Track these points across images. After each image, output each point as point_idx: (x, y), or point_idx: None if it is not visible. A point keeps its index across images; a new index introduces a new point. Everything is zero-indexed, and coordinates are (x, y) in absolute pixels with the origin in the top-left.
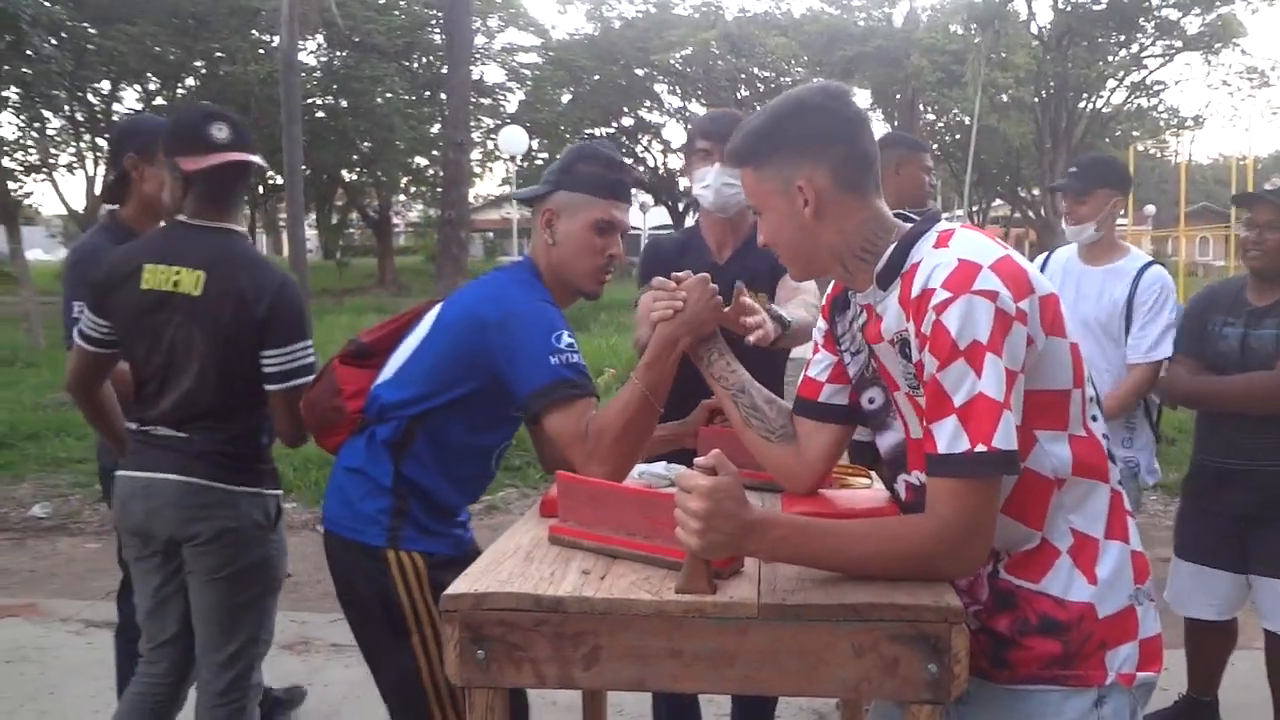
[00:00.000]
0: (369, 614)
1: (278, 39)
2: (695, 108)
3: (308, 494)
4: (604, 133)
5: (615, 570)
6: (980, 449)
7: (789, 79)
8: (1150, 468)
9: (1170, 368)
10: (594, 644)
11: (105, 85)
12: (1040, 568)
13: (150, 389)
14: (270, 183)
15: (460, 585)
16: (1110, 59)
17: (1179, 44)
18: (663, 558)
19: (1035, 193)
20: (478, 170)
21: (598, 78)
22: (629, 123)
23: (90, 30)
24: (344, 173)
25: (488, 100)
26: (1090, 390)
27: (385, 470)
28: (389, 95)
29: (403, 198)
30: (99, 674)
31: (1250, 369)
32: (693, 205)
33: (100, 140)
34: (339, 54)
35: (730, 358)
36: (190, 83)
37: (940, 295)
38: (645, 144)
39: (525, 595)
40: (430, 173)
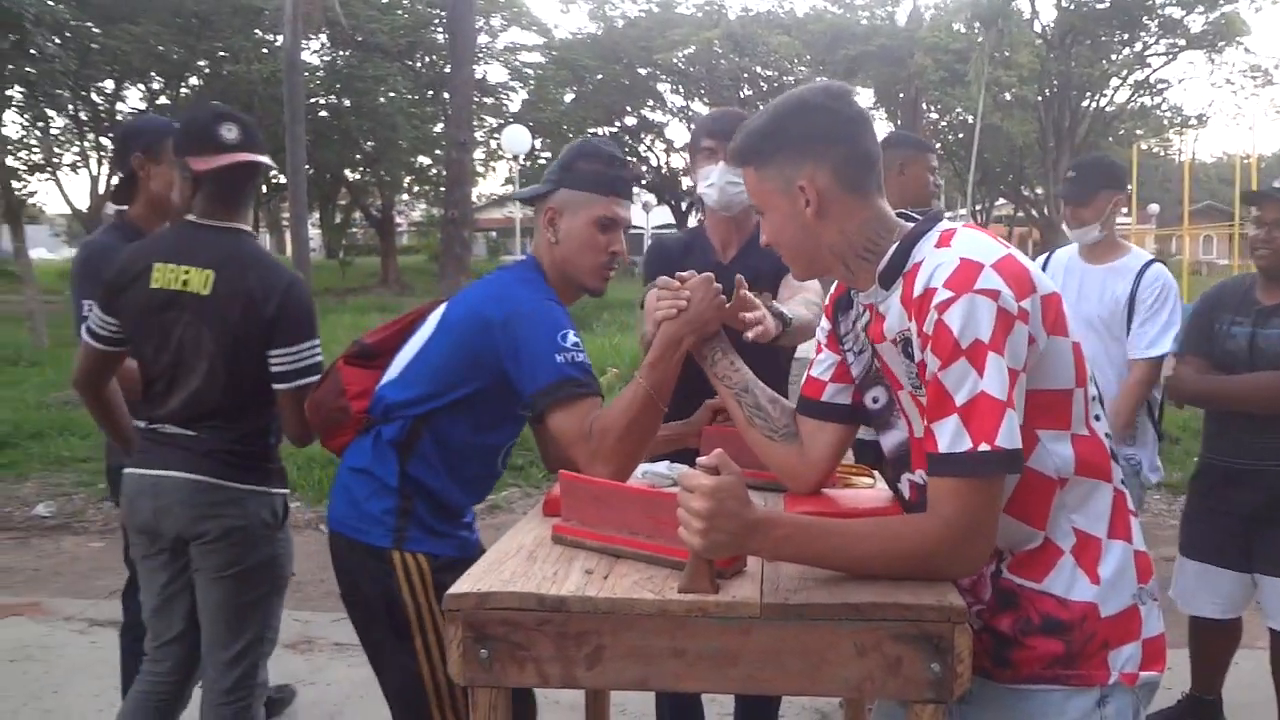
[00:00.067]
0: (373, 615)
1: (281, 38)
2: (698, 107)
3: (311, 493)
4: (607, 132)
5: (618, 570)
6: (983, 448)
7: (792, 78)
8: (1153, 465)
9: (1178, 367)
10: (597, 643)
11: (109, 84)
12: (1043, 567)
13: (159, 387)
14: (274, 182)
15: (463, 584)
16: (1114, 57)
17: (1182, 42)
18: (666, 557)
19: (1039, 191)
20: (481, 170)
21: (600, 77)
22: (632, 122)
23: (94, 29)
24: (347, 172)
25: (491, 99)
26: (1093, 390)
27: (391, 470)
28: (392, 94)
29: (406, 197)
30: (103, 673)
31: (1259, 368)
32: (696, 204)
33: (104, 139)
34: (342, 53)
35: (734, 357)
36: (194, 82)
37: (942, 294)
38: (648, 143)
39: (528, 595)
40: (433, 172)
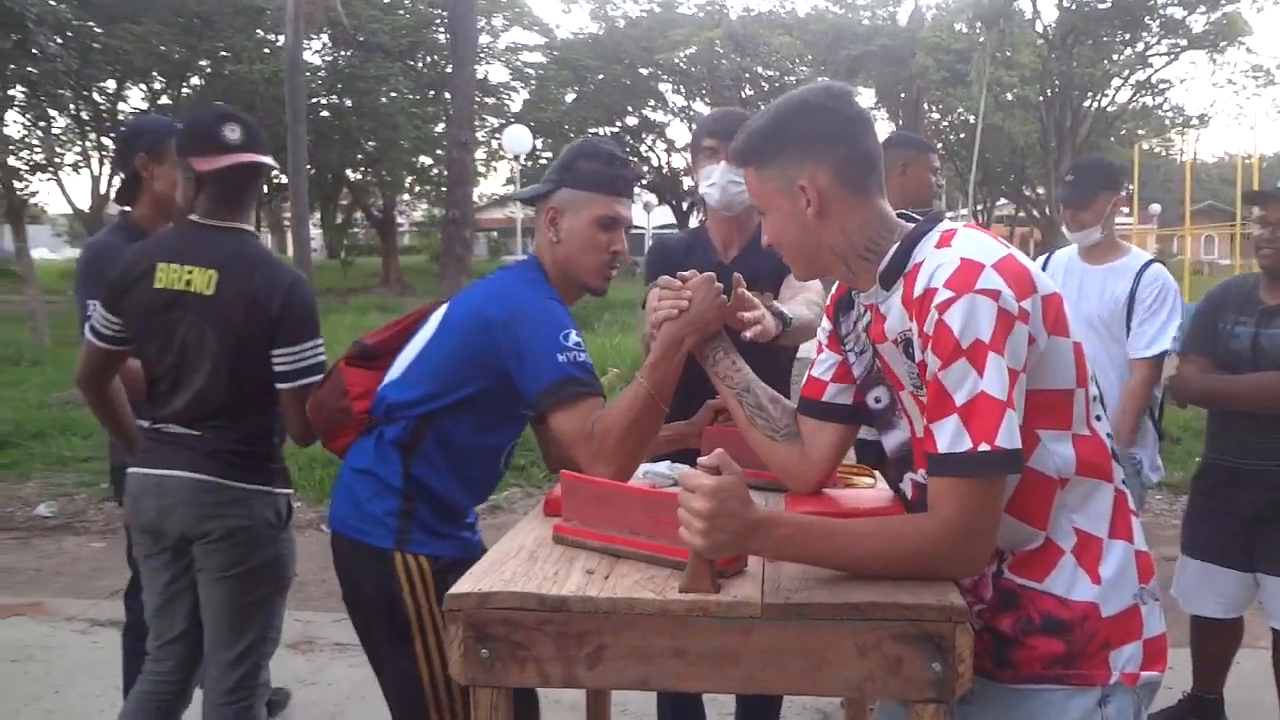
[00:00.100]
0: (373, 617)
1: (283, 38)
2: (700, 107)
3: (312, 493)
4: (608, 132)
5: (619, 570)
6: (983, 448)
7: (793, 78)
8: (1153, 464)
9: (1181, 366)
10: (598, 643)
11: (110, 84)
12: (1044, 567)
13: (163, 387)
14: (275, 182)
15: (464, 584)
16: (1115, 57)
17: (1184, 42)
18: (667, 557)
19: (1040, 192)
20: (482, 170)
21: (602, 77)
22: (633, 122)
23: (96, 29)
24: (348, 172)
25: (492, 99)
26: (1094, 390)
27: (394, 470)
28: (394, 94)
29: (407, 197)
30: (104, 673)
31: (1262, 368)
32: (697, 204)
33: (105, 139)
34: (344, 53)
35: (735, 357)
36: (195, 82)
37: (943, 294)
38: (649, 143)
39: (529, 595)
40: (435, 172)
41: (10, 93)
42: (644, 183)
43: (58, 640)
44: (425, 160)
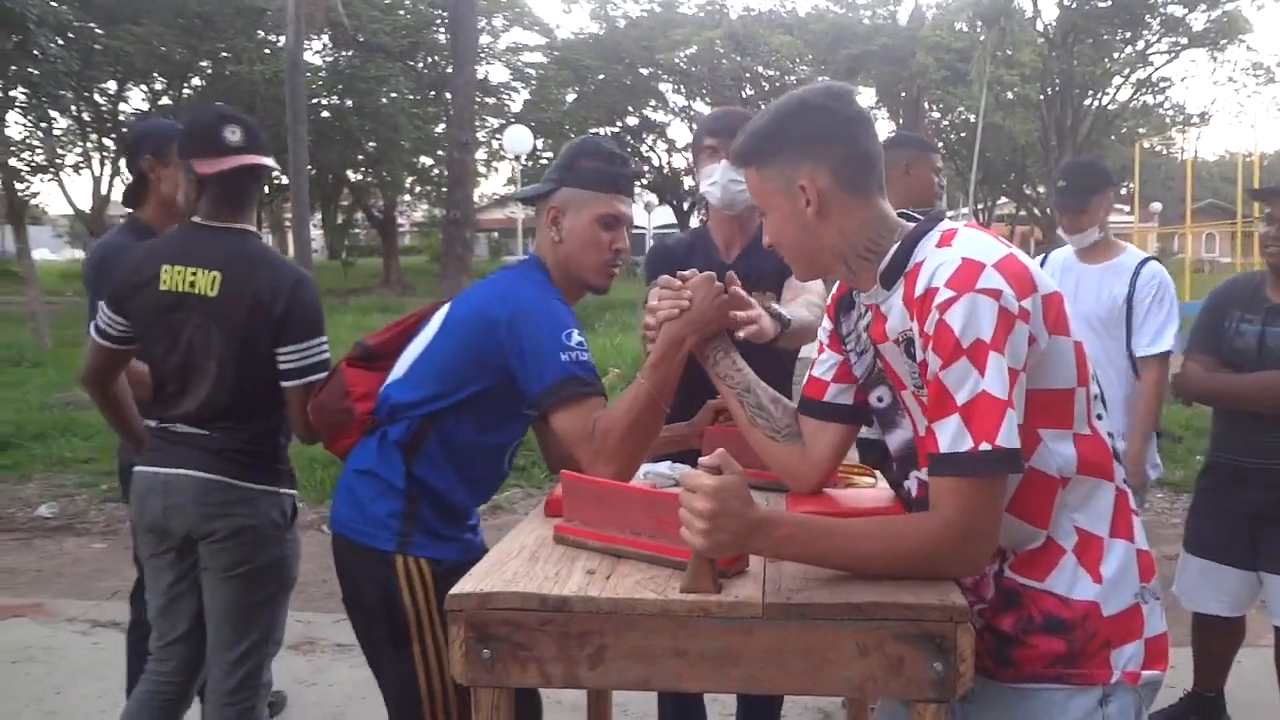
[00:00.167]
0: (373, 619)
1: (283, 39)
2: (700, 107)
3: (313, 494)
4: (609, 132)
5: (620, 570)
6: (984, 447)
7: (794, 78)
8: (1152, 462)
9: (1186, 364)
10: (599, 643)
11: (111, 85)
12: (1045, 566)
13: (171, 389)
14: (276, 183)
15: (466, 585)
16: (1116, 56)
17: (1184, 40)
18: (668, 557)
19: (1041, 190)
20: (482, 170)
21: (602, 77)
22: (634, 122)
23: (97, 30)
24: (349, 172)
25: (493, 100)
26: (1094, 389)
27: (397, 471)
28: (394, 95)
29: (408, 197)
30: (105, 674)
31: (1267, 366)
32: (698, 204)
33: (106, 140)
34: (344, 54)
35: (736, 357)
36: (196, 83)
37: (944, 294)
38: (650, 143)
39: (531, 595)
40: (435, 172)
41: (11, 94)
42: (645, 183)
43: (59, 641)
44: (426, 160)
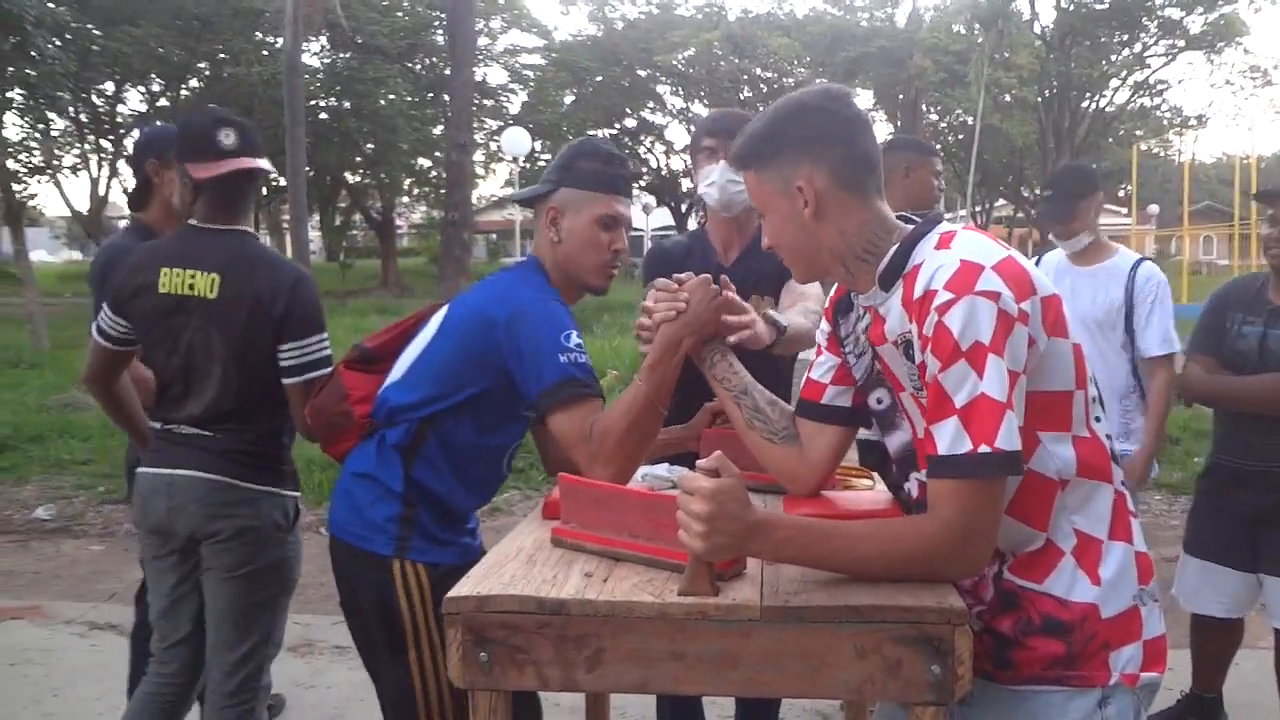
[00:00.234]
0: (370, 624)
1: (281, 40)
2: (698, 109)
3: (311, 496)
4: (607, 134)
5: (618, 573)
6: (983, 449)
7: (792, 80)
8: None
9: (1187, 366)
10: (597, 646)
11: (109, 87)
12: (1044, 568)
13: (174, 391)
14: (274, 184)
15: (463, 588)
16: (1113, 58)
17: (1182, 43)
18: (665, 560)
19: (1039, 192)
20: (481, 172)
21: (600, 79)
22: (632, 124)
23: (94, 31)
24: (347, 174)
25: (491, 102)
26: (1093, 391)
27: (395, 474)
28: (392, 97)
29: (406, 199)
30: (103, 676)
31: (1269, 369)
32: (696, 206)
33: (104, 142)
34: (342, 55)
35: (733, 359)
36: (194, 84)
37: (943, 296)
38: (648, 145)
39: (528, 598)
40: (433, 174)
41: (9, 95)
42: (642, 184)
43: (56, 643)
44: (424, 162)
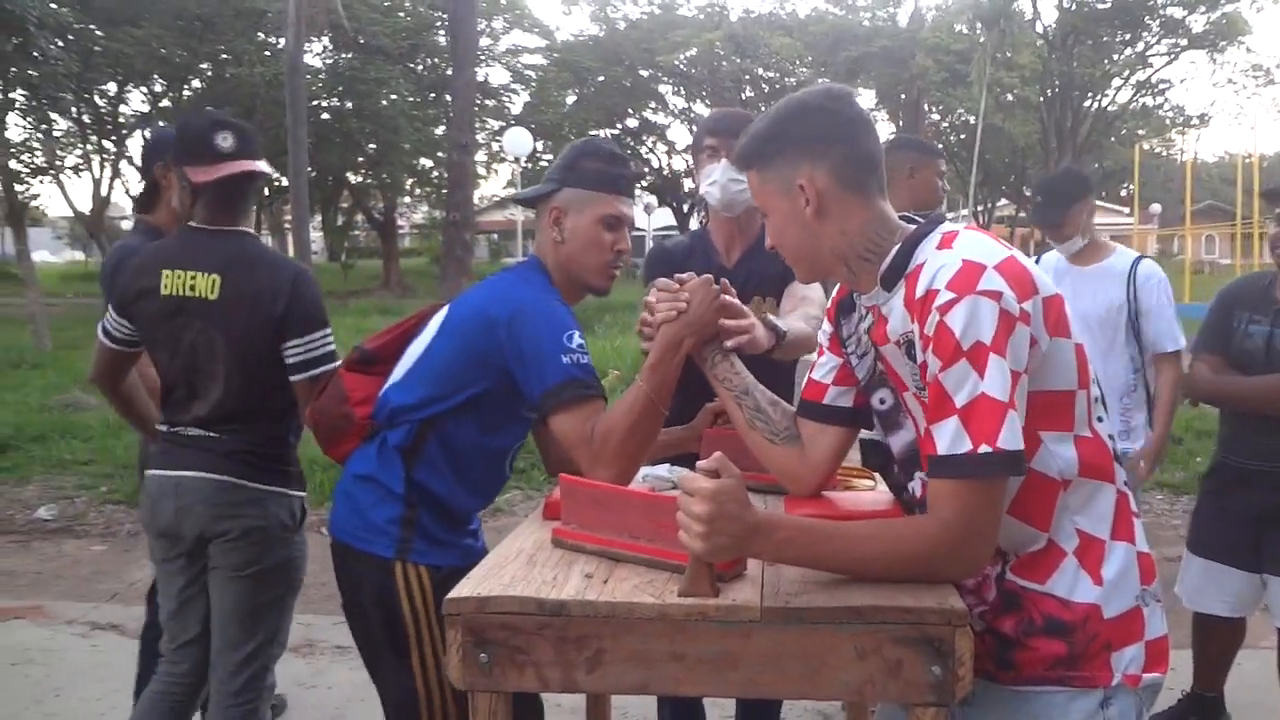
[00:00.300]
0: (372, 626)
1: (283, 41)
2: (700, 109)
3: (312, 496)
4: (609, 134)
5: (618, 574)
6: (984, 449)
7: (794, 79)
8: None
9: (1194, 364)
10: (597, 647)
11: (111, 87)
12: (1046, 569)
13: (179, 393)
14: (275, 185)
15: (463, 588)
16: (1115, 58)
17: (1184, 42)
18: (666, 561)
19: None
20: (482, 172)
21: (602, 79)
22: (634, 124)
23: (97, 32)
24: (349, 175)
25: (492, 102)
26: (1095, 391)
27: (396, 476)
28: (394, 97)
29: (408, 200)
30: (104, 676)
31: (1275, 368)
32: (698, 206)
33: (106, 142)
34: (344, 56)
35: (735, 359)
36: (196, 85)
37: (944, 296)
38: (650, 145)
39: (528, 599)
40: (435, 174)
41: (11, 96)
42: (645, 184)
43: (58, 643)
44: (426, 163)
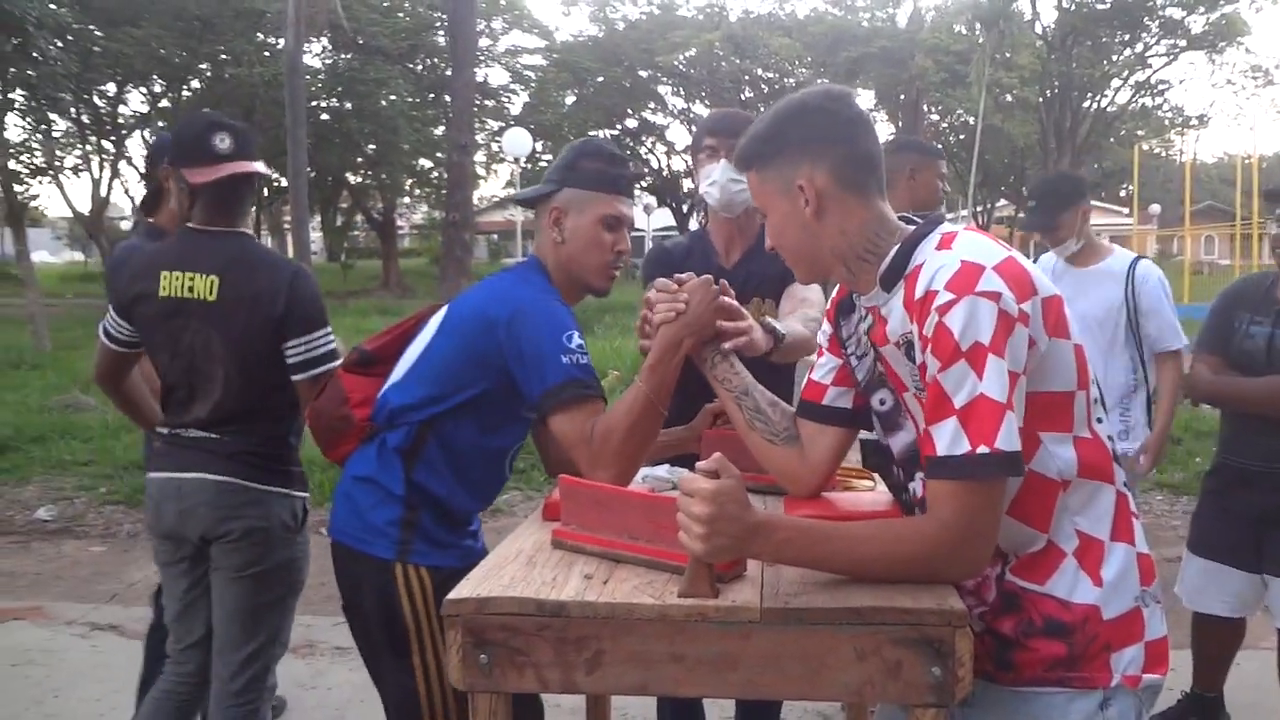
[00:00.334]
0: (372, 627)
1: (283, 41)
2: (699, 109)
3: (312, 496)
4: (608, 134)
5: (618, 575)
6: (982, 450)
7: (793, 80)
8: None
9: (1194, 365)
10: (596, 648)
11: (111, 88)
12: (1046, 570)
13: (179, 395)
14: (275, 185)
15: (463, 590)
16: (1114, 58)
17: (1183, 43)
18: (665, 562)
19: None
20: (482, 172)
21: (602, 79)
22: (633, 124)
23: (96, 33)
24: (348, 175)
25: (492, 102)
26: (1095, 392)
27: (396, 478)
28: (393, 98)
29: (407, 200)
30: (104, 677)
31: (1276, 369)
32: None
33: (106, 143)
34: (344, 56)
35: (734, 360)
36: (195, 85)
37: (943, 297)
38: (649, 145)
39: (528, 600)
40: (434, 175)
41: (11, 96)
42: (644, 185)
43: (58, 644)
44: (425, 163)
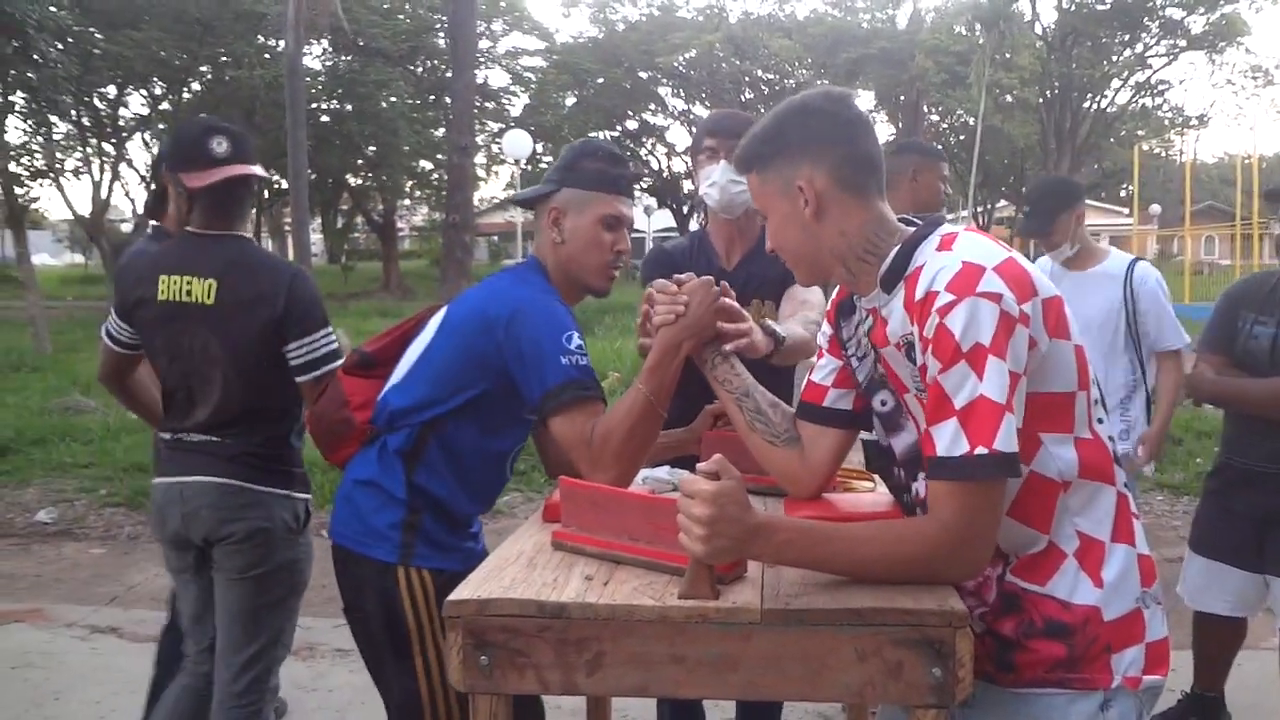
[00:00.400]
0: (374, 629)
1: (283, 44)
2: (699, 110)
3: (313, 498)
4: (608, 135)
5: (618, 576)
6: (980, 451)
7: (793, 81)
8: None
9: (1198, 365)
10: (597, 650)
11: (111, 90)
12: (1046, 570)
13: (179, 398)
14: (275, 187)
15: (464, 591)
16: (1114, 59)
17: (1183, 43)
18: (666, 563)
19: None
20: (482, 174)
21: (602, 81)
22: (633, 126)
23: (96, 35)
24: (349, 177)
25: (492, 104)
26: (1095, 392)
27: (398, 481)
28: (394, 99)
29: (407, 202)
30: (104, 679)
31: None
32: (698, 207)
33: (106, 145)
34: (344, 58)
35: (734, 361)
36: (195, 87)
37: (944, 298)
38: (649, 147)
39: (528, 601)
40: (435, 177)
41: (11, 99)
42: (644, 186)
43: (58, 647)
44: (425, 165)
